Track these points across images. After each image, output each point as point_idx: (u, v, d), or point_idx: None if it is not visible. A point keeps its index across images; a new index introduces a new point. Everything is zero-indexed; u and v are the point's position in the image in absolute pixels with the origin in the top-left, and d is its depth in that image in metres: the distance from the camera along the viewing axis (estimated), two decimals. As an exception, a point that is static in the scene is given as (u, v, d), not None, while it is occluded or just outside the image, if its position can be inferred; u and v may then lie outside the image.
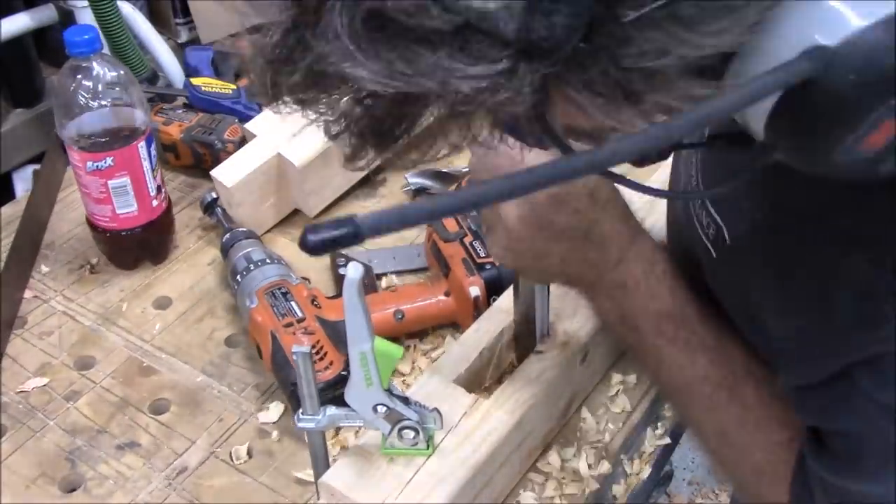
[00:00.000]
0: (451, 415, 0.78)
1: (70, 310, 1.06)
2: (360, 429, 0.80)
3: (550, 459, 0.87)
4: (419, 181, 1.20)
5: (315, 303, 0.95)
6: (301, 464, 0.87)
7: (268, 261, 1.00)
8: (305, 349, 0.70)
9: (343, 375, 0.86)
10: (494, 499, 0.82)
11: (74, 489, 0.87)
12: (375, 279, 1.07)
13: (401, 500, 0.73)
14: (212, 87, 1.27)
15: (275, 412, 0.92)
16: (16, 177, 1.59)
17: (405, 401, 0.74)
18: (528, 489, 0.85)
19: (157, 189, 1.07)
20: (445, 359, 0.85)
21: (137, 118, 1.02)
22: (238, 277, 0.99)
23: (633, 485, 0.88)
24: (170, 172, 1.22)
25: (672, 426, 0.93)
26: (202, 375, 0.97)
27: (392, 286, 1.06)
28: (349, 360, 0.70)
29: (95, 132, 1.01)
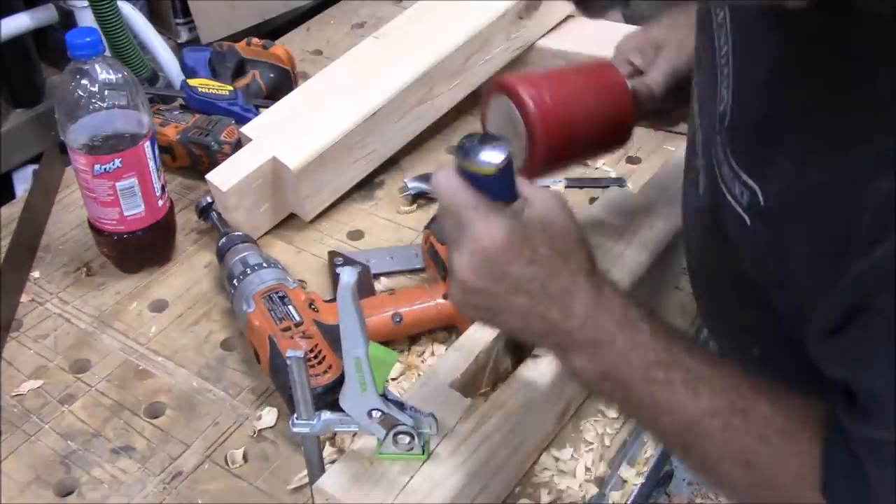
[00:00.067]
0: (447, 419, 0.77)
1: (66, 312, 1.05)
2: (356, 433, 0.79)
3: (547, 464, 0.87)
4: (418, 185, 1.19)
5: (312, 306, 0.95)
6: (296, 468, 0.87)
7: (264, 265, 1.00)
8: (299, 354, 0.70)
9: (342, 379, 0.86)
10: (491, 503, 0.81)
11: (69, 493, 0.86)
12: (373, 280, 1.07)
13: (395, 506, 0.72)
14: (208, 89, 1.27)
15: (269, 418, 0.92)
16: (16, 177, 1.59)
17: (400, 406, 0.73)
18: (525, 494, 0.84)
19: (162, 189, 1.07)
20: (441, 363, 0.84)
21: (141, 120, 1.02)
22: (234, 281, 0.99)
23: (631, 488, 0.87)
24: (166, 175, 1.22)
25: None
26: (198, 379, 0.97)
27: (389, 289, 1.05)
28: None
29: (99, 135, 1.01)
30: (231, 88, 1.28)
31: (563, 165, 0.88)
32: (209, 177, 1.11)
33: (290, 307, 0.94)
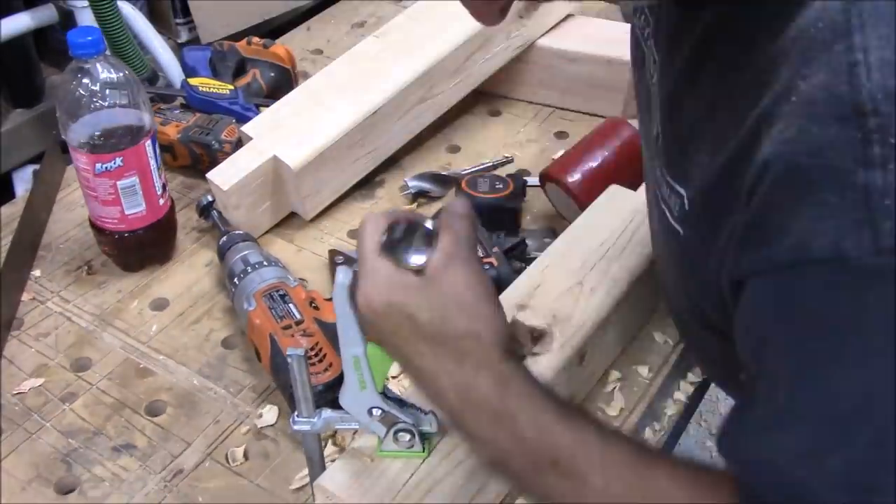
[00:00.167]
0: (447, 417, 0.78)
1: (67, 311, 1.05)
2: (357, 431, 0.79)
3: (547, 462, 0.87)
4: (418, 184, 1.20)
5: (313, 305, 0.95)
6: (297, 466, 0.87)
7: (265, 263, 1.00)
8: (300, 352, 0.70)
9: (342, 377, 0.86)
10: (491, 501, 0.82)
11: (70, 491, 0.86)
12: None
13: (396, 503, 0.72)
14: (209, 88, 1.27)
15: (270, 416, 0.92)
16: (16, 177, 1.59)
17: (400, 403, 0.74)
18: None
19: (163, 188, 1.07)
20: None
21: (142, 118, 1.02)
22: (235, 280, 0.99)
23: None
24: (167, 173, 1.22)
25: (671, 427, 0.93)
26: (199, 377, 0.97)
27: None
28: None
29: (100, 133, 1.01)
30: (232, 87, 1.28)
31: None
32: (210, 176, 1.11)
33: (291, 305, 0.94)
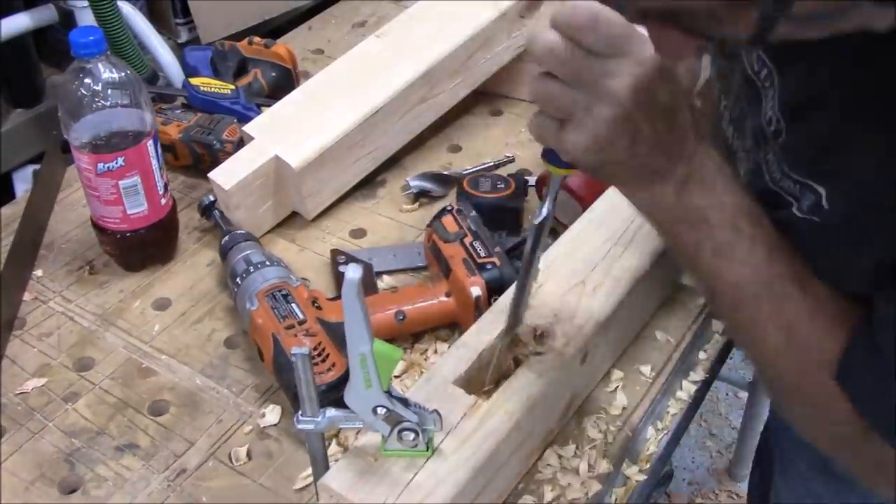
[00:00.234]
0: (451, 416, 0.78)
1: (69, 311, 1.05)
2: (360, 430, 0.79)
3: (550, 460, 0.87)
4: (420, 184, 1.20)
5: (316, 304, 0.95)
6: (300, 465, 0.87)
7: (267, 263, 1.00)
8: (304, 350, 0.70)
9: (346, 377, 0.86)
10: (494, 500, 0.82)
11: (73, 491, 0.86)
12: (375, 278, 1.07)
13: (400, 502, 0.72)
14: (210, 87, 1.27)
15: (273, 416, 0.92)
16: (16, 177, 1.59)
17: (405, 402, 0.74)
18: (528, 491, 0.85)
19: (165, 187, 1.07)
20: (444, 360, 0.85)
21: (144, 118, 1.02)
22: (238, 280, 0.99)
23: (634, 485, 0.87)
24: (169, 173, 1.22)
25: (673, 425, 0.93)
26: (201, 377, 0.97)
27: (392, 288, 1.06)
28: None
29: (102, 133, 1.01)
30: (233, 87, 1.28)
31: None
32: (211, 175, 1.11)
33: (294, 305, 0.94)
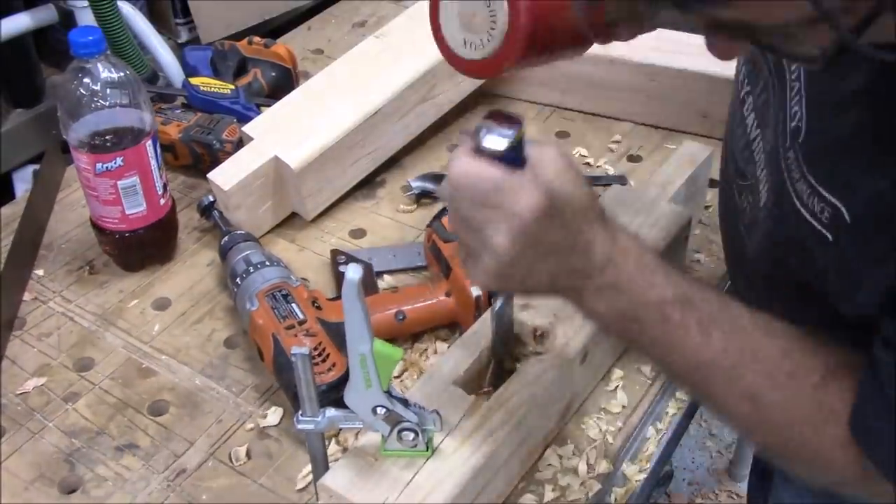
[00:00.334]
0: (451, 416, 0.78)
1: (69, 311, 1.05)
2: (360, 430, 0.79)
3: (550, 460, 0.87)
4: (421, 185, 1.20)
5: (316, 304, 0.95)
6: (300, 465, 0.87)
7: (267, 263, 1.00)
8: (304, 350, 0.70)
9: (346, 377, 0.86)
10: (494, 500, 0.82)
11: (73, 491, 0.86)
12: (375, 278, 1.07)
13: (400, 502, 0.72)
14: (210, 87, 1.27)
15: (273, 416, 0.92)
16: (16, 177, 1.59)
17: (404, 402, 0.74)
18: (528, 491, 0.85)
19: (164, 188, 1.07)
20: (444, 360, 0.85)
21: (143, 118, 1.02)
22: (238, 280, 0.99)
23: (633, 485, 0.87)
24: (168, 173, 1.22)
25: (673, 425, 0.93)
26: (201, 377, 0.97)
27: (392, 287, 1.06)
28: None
29: (101, 133, 1.01)
30: (233, 87, 1.28)
31: (538, 58, 0.73)
32: (211, 176, 1.11)
33: (294, 305, 0.94)
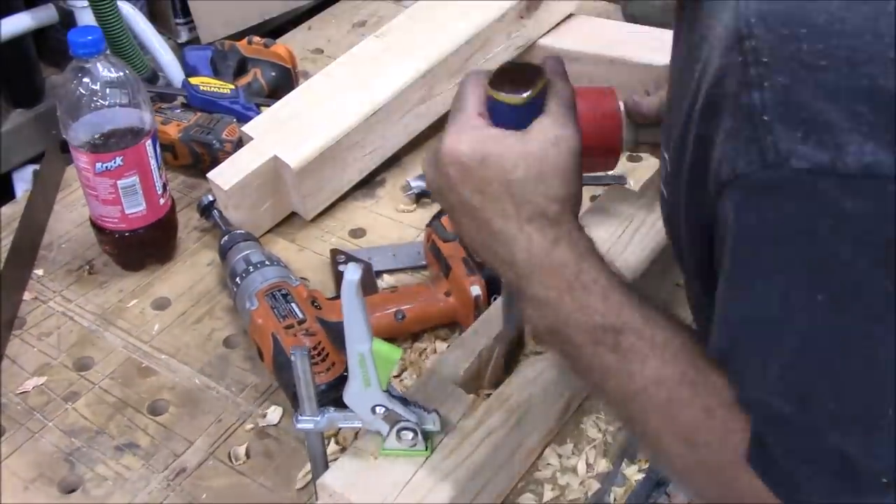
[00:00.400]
0: (450, 416, 0.78)
1: (69, 311, 1.05)
2: (360, 430, 0.79)
3: (550, 460, 0.87)
4: (421, 184, 1.19)
5: (315, 304, 0.95)
6: (300, 465, 0.87)
7: (267, 262, 1.00)
8: (304, 350, 0.70)
9: (345, 377, 0.86)
10: (493, 500, 0.82)
11: (73, 490, 0.86)
12: (375, 277, 1.07)
13: (399, 501, 0.72)
14: (210, 87, 1.27)
15: (272, 415, 0.92)
16: (16, 177, 1.59)
17: (404, 402, 0.74)
18: (527, 490, 0.85)
19: (164, 187, 1.07)
20: (444, 360, 0.85)
21: (143, 118, 1.02)
22: (237, 279, 0.99)
23: (633, 484, 0.87)
24: (168, 173, 1.22)
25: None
26: (200, 376, 0.97)
27: (392, 287, 1.06)
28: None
29: (101, 133, 1.01)
30: (232, 87, 1.28)
31: None
32: (210, 176, 1.11)
33: (293, 304, 0.94)
